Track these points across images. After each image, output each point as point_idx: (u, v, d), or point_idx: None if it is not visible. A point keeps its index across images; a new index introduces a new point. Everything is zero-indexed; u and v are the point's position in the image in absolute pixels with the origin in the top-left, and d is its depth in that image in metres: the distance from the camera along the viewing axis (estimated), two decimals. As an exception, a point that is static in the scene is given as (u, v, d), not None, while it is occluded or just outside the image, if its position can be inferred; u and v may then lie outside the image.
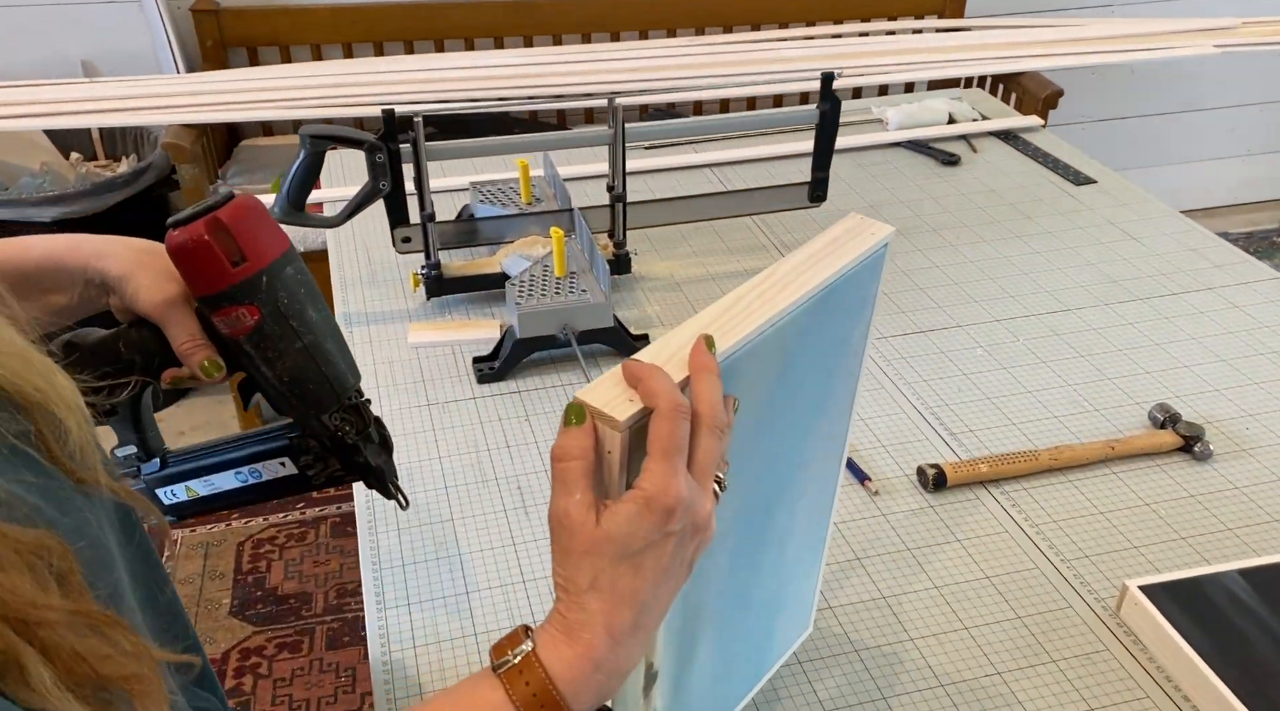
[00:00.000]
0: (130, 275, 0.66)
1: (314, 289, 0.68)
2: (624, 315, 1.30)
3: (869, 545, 1.00)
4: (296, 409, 0.69)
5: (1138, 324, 1.32)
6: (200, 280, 0.64)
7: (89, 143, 2.59)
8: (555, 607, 0.54)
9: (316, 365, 0.68)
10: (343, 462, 0.72)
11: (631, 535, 0.52)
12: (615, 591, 0.52)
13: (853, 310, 0.71)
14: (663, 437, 0.52)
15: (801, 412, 0.72)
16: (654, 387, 0.53)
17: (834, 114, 1.36)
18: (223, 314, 0.65)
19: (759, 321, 0.61)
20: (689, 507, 0.53)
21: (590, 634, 0.52)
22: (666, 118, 2.58)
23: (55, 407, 0.48)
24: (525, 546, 1.00)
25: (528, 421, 1.17)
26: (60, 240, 0.67)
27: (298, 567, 2.18)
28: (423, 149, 1.24)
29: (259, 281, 0.64)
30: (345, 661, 1.97)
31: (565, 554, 0.53)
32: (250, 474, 0.73)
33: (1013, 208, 1.60)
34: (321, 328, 0.68)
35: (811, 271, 0.65)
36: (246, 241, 0.63)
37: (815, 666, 0.88)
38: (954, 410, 1.17)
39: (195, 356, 0.66)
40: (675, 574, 0.55)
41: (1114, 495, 1.05)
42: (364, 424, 0.72)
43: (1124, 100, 3.20)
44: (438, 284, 1.33)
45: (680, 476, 0.52)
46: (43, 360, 0.48)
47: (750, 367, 0.61)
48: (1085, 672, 0.87)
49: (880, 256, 0.71)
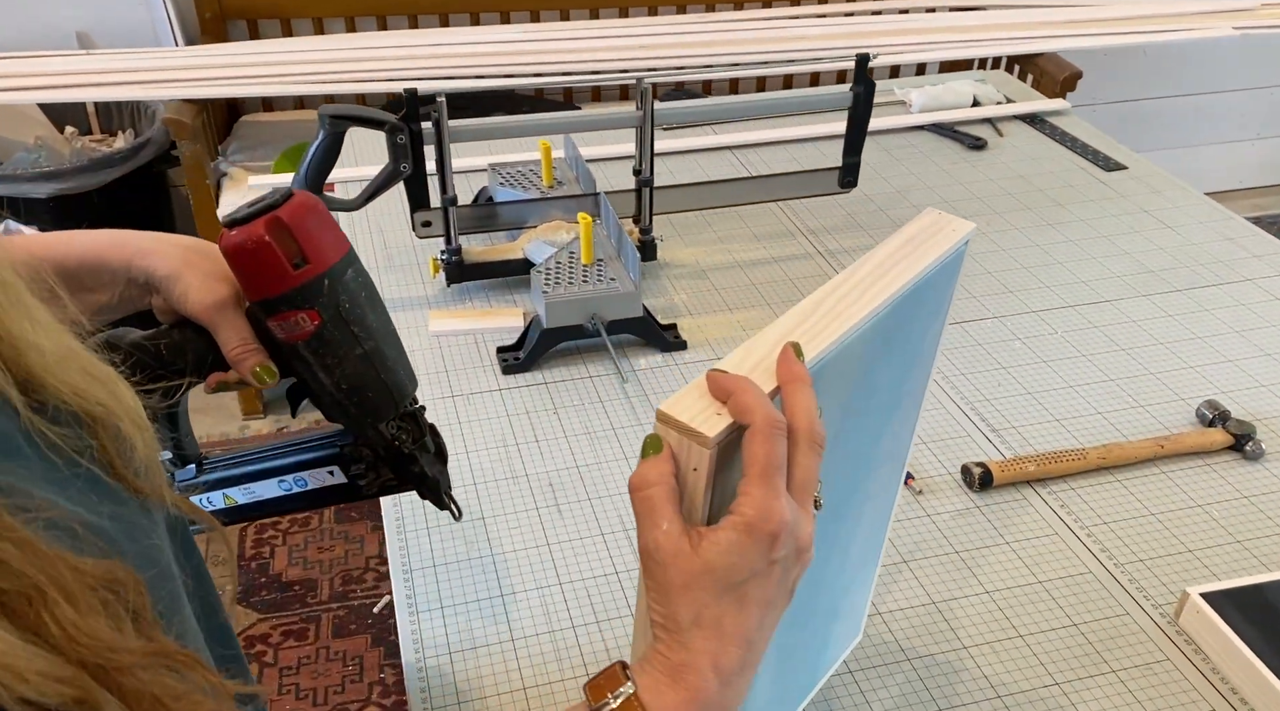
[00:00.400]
0: (178, 275, 0.62)
1: (374, 292, 0.64)
2: (650, 303, 1.26)
3: (916, 548, 0.97)
4: (354, 417, 0.66)
5: (1177, 316, 1.28)
6: (258, 283, 0.60)
7: (84, 117, 2.52)
8: (655, 647, 0.50)
9: (376, 372, 0.64)
10: (396, 472, 0.69)
11: (735, 566, 0.48)
12: (720, 629, 0.48)
13: (931, 311, 0.68)
14: (761, 457, 0.48)
15: (875, 419, 0.68)
16: (748, 402, 0.49)
17: (868, 97, 1.32)
18: (280, 318, 0.61)
19: (845, 327, 0.57)
20: (792, 531, 0.49)
21: (697, 677, 0.48)
22: (677, 97, 2.52)
23: (120, 421, 0.44)
24: (560, 547, 0.97)
25: (556, 414, 1.13)
26: (103, 236, 0.63)
27: (302, 553, 2.14)
28: (446, 129, 1.19)
29: (320, 285, 0.60)
30: (353, 650, 1.94)
31: (662, 589, 0.49)
32: (295, 482, 0.69)
33: (1043, 194, 1.56)
34: (382, 333, 0.64)
35: (894, 272, 0.62)
36: (308, 242, 0.59)
37: (867, 675, 0.85)
38: (994, 405, 1.14)
39: (247, 362, 0.62)
40: (779, 603, 0.51)
41: (1165, 496, 1.02)
42: (420, 432, 0.69)
43: (1133, 83, 3.16)
44: (459, 270, 1.29)
45: (782, 498, 0.48)
46: (105, 370, 0.44)
47: (831, 375, 0.57)
48: (1147, 684, 0.84)
49: (960, 255, 0.68)
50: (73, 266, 0.62)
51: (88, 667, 0.35)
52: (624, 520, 0.99)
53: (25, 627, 0.35)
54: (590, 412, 1.13)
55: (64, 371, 0.42)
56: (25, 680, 0.33)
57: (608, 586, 0.93)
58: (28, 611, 0.35)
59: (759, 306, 1.31)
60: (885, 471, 0.75)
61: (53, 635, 0.35)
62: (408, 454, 0.68)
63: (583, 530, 0.98)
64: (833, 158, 1.63)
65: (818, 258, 1.41)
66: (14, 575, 0.35)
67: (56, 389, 0.42)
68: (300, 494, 0.70)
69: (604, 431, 1.10)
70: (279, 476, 0.69)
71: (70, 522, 0.39)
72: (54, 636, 0.35)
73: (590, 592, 0.92)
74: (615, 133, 1.66)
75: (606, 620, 0.89)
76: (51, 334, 0.42)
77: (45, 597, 0.35)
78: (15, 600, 0.35)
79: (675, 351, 1.22)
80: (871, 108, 1.32)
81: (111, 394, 0.44)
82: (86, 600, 0.36)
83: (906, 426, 0.76)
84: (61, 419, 0.42)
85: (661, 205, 1.36)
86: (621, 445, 1.08)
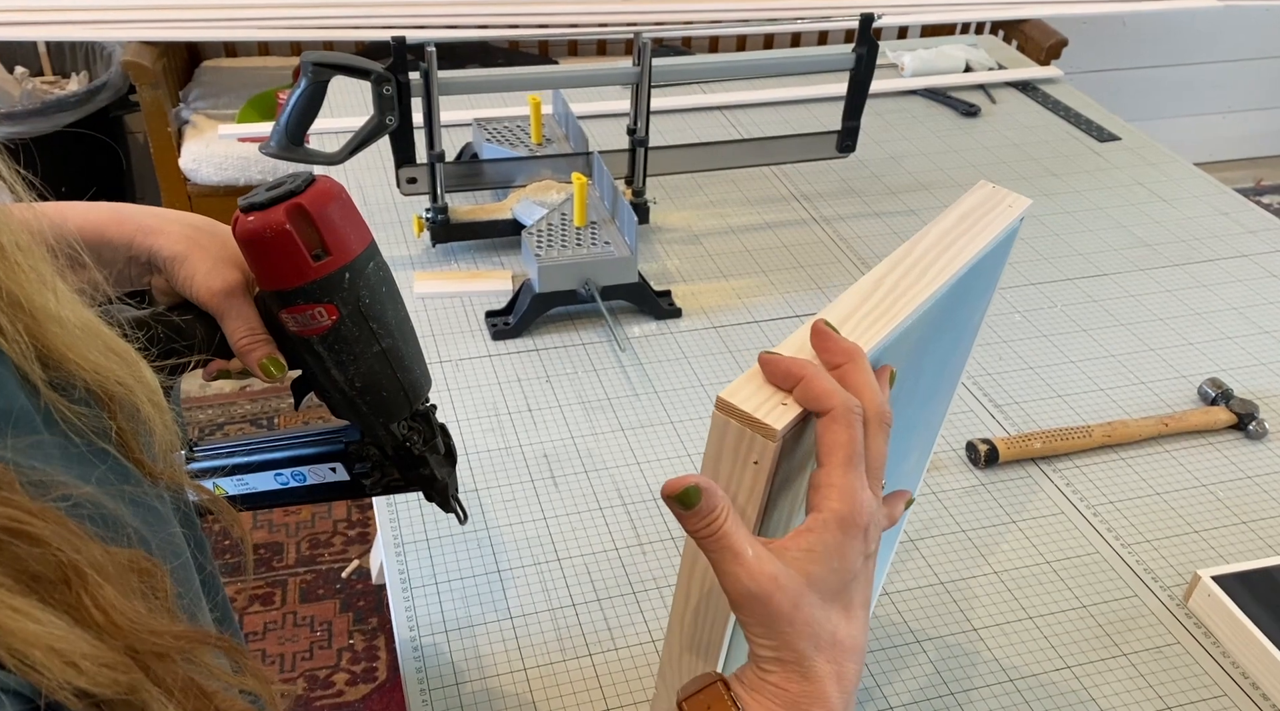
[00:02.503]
0: (184, 257, 0.57)
1: (394, 287, 0.60)
2: (642, 269, 1.22)
3: (923, 527, 0.95)
4: (364, 416, 0.62)
5: (1175, 292, 1.27)
6: (274, 273, 0.55)
7: (35, 57, 2.40)
8: (765, 676, 0.44)
9: (393, 371, 0.60)
10: (403, 473, 0.65)
11: (838, 571, 0.43)
12: (837, 645, 0.44)
13: (981, 291, 0.65)
14: (844, 445, 0.44)
15: (917, 406, 0.65)
16: (824, 387, 0.44)
17: (870, 59, 1.28)
18: (295, 310, 0.56)
19: (909, 307, 0.53)
20: (877, 523, 0.45)
21: (822, 706, 0.43)
22: (661, 54, 2.46)
23: (140, 402, 0.40)
24: (557, 521, 0.93)
25: (549, 383, 1.09)
26: (103, 209, 0.58)
27: (267, 516, 2.09)
28: (435, 82, 1.13)
29: (341, 278, 0.56)
30: (321, 615, 1.90)
31: (768, 622, 0.43)
32: (293, 477, 0.65)
33: (1037, 164, 1.54)
34: (401, 330, 0.60)
35: (953, 250, 0.58)
36: (330, 233, 0.55)
37: (877, 657, 0.83)
38: (997, 380, 1.12)
39: (255, 354, 0.58)
40: (870, 601, 0.47)
41: (1170, 475, 1.00)
42: (432, 433, 0.65)
43: (1110, 53, 3.15)
44: (445, 229, 1.24)
45: (867, 488, 0.44)
46: (125, 347, 0.40)
47: (889, 360, 0.54)
48: (1158, 667, 0.83)
49: (1014, 232, 0.64)
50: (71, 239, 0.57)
51: (131, 653, 0.32)
52: (622, 494, 0.96)
53: (64, 610, 0.31)
54: (584, 381, 1.09)
55: (85, 347, 0.38)
56: (76, 667, 0.30)
57: (608, 562, 0.90)
58: (66, 593, 0.31)
59: (755, 274, 1.27)
60: (914, 459, 0.73)
61: (94, 618, 0.32)
62: (417, 455, 0.64)
63: (580, 504, 0.95)
64: (824, 120, 1.60)
65: (813, 224, 1.38)
66: (52, 554, 0.31)
67: (77, 365, 0.38)
68: (298, 489, 0.65)
69: (599, 401, 1.06)
70: (276, 469, 0.65)
71: (95, 507, 0.35)
72: (95, 619, 0.32)
73: (590, 569, 0.89)
74: (603, 89, 1.61)
75: (608, 597, 0.86)
76: (73, 307, 0.38)
77: (85, 579, 0.32)
78: (52, 582, 0.31)
79: (670, 319, 1.18)
80: (874, 71, 1.28)
81: (132, 372, 0.40)
82: (124, 582, 0.33)
83: (939, 413, 0.73)
84: (79, 397, 0.38)
85: (656, 167, 1.31)
86: (618, 416, 1.05)
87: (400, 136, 1.17)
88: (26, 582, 0.31)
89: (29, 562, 0.31)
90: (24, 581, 0.31)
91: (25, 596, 0.30)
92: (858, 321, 0.51)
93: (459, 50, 2.35)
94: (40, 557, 0.31)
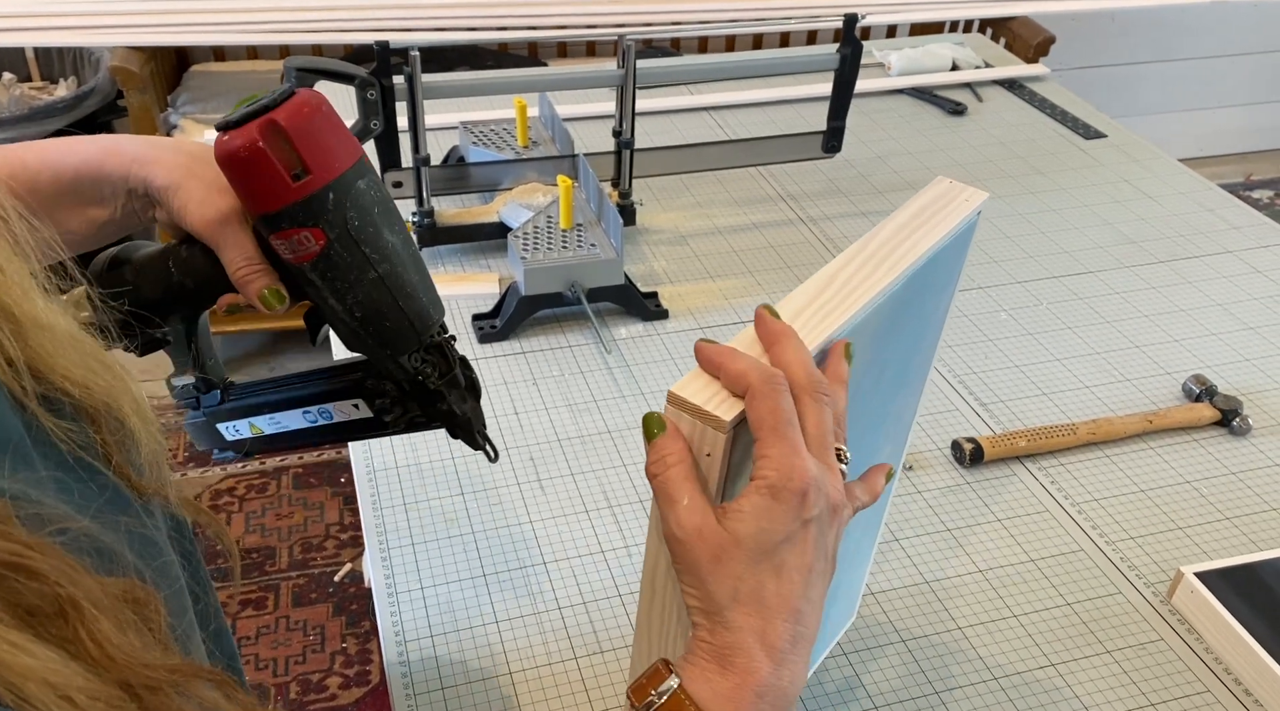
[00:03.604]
0: (178, 186, 0.54)
1: (390, 207, 0.56)
2: (629, 270, 1.22)
3: (906, 524, 0.95)
4: (371, 348, 0.59)
5: (1161, 288, 1.27)
6: (254, 196, 0.52)
7: (23, 63, 2.40)
8: (696, 635, 0.47)
9: (394, 299, 0.56)
10: (424, 408, 0.62)
11: (765, 531, 0.45)
12: (761, 601, 0.45)
13: (941, 284, 0.65)
14: (767, 414, 0.45)
15: (882, 397, 0.65)
16: (738, 368, 0.47)
17: (855, 59, 1.28)
18: (282, 236, 0.53)
19: (860, 302, 0.54)
20: (820, 487, 0.46)
21: (745, 658, 0.45)
22: (648, 55, 2.46)
23: (127, 416, 0.40)
24: (543, 524, 0.93)
25: (535, 385, 1.09)
26: (98, 142, 0.56)
27: (259, 520, 2.09)
28: (419, 85, 1.13)
29: (324, 198, 0.52)
30: (314, 619, 1.90)
31: (692, 570, 0.46)
32: (320, 414, 0.63)
33: (1024, 162, 1.55)
34: (399, 254, 0.56)
35: (908, 244, 0.59)
36: (309, 149, 0.51)
37: (862, 657, 0.83)
38: (982, 379, 1.12)
39: (253, 284, 0.55)
40: (822, 569, 0.48)
41: (1154, 472, 1.01)
42: (449, 365, 0.62)
43: (1100, 49, 3.16)
44: (431, 233, 1.24)
45: (803, 454, 0.46)
46: (110, 358, 0.40)
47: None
48: (1141, 664, 0.83)
49: (972, 226, 0.65)
50: (68, 180, 0.55)
51: (124, 687, 0.32)
52: (609, 496, 0.96)
53: (58, 643, 0.31)
54: (571, 384, 1.09)
55: (71, 359, 0.38)
56: (71, 700, 0.30)
57: (594, 566, 0.90)
58: (62, 627, 0.31)
59: (741, 275, 1.27)
60: (887, 450, 0.73)
61: (89, 652, 0.32)
62: (434, 389, 0.61)
63: (566, 507, 0.95)
64: (810, 120, 1.60)
65: (799, 225, 1.38)
66: (50, 588, 0.31)
67: (62, 379, 0.37)
68: (326, 426, 0.64)
69: (585, 403, 1.07)
70: (304, 406, 0.63)
71: (91, 539, 0.35)
72: (90, 653, 0.32)
73: (576, 572, 0.89)
74: (590, 92, 1.61)
75: (594, 601, 0.87)
76: (60, 316, 0.38)
77: (82, 612, 0.32)
78: (48, 616, 0.31)
79: (656, 321, 1.18)
80: (858, 70, 1.29)
81: (117, 383, 0.39)
82: (118, 615, 0.33)
83: (911, 404, 0.73)
84: (65, 412, 0.38)
85: (642, 168, 1.31)
86: (604, 418, 1.05)
87: (385, 141, 1.17)
88: (22, 616, 0.31)
89: (26, 596, 0.31)
90: (20, 615, 0.31)
91: (21, 630, 0.30)
92: (811, 314, 0.52)
93: (447, 53, 2.35)
94: (37, 591, 0.31)
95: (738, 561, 0.45)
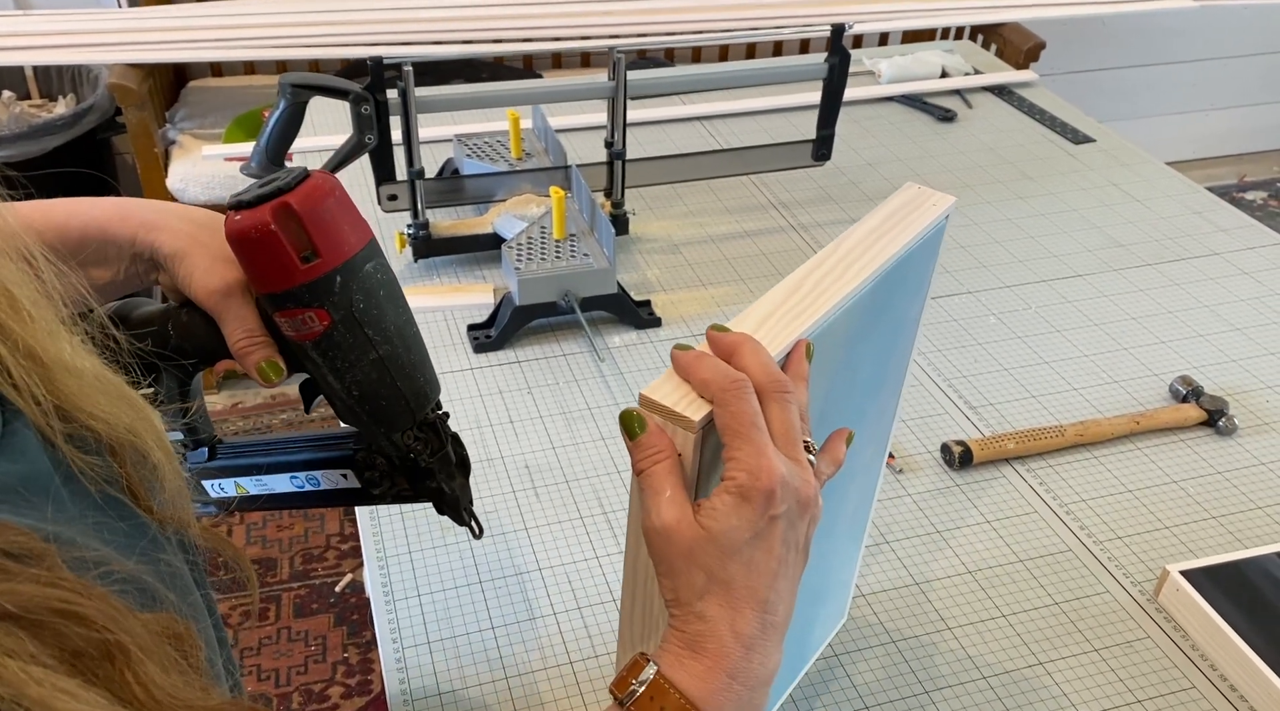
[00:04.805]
0: (184, 254, 0.56)
1: (395, 290, 0.57)
2: (622, 279, 1.24)
3: (895, 526, 0.96)
4: (365, 424, 0.60)
5: (1148, 291, 1.29)
6: (262, 275, 0.54)
7: (21, 81, 2.42)
8: (671, 625, 0.49)
9: (391, 380, 0.58)
10: (412, 484, 0.64)
11: (735, 528, 0.47)
12: (730, 592, 0.48)
13: (913, 288, 0.67)
14: (733, 417, 0.48)
15: (858, 398, 0.67)
16: (702, 377, 0.49)
17: (843, 68, 1.30)
18: (286, 315, 0.54)
19: (827, 306, 0.56)
20: (788, 485, 0.48)
21: (716, 643, 0.48)
22: (642, 66, 2.48)
23: (151, 450, 0.41)
24: (539, 531, 0.95)
25: (530, 394, 1.10)
26: (107, 205, 0.57)
27: (260, 532, 2.10)
28: (413, 100, 1.15)
29: (331, 282, 0.53)
30: (315, 630, 1.91)
31: (667, 562, 0.48)
32: (307, 480, 0.64)
33: (1013, 167, 1.56)
34: (401, 336, 0.57)
35: (875, 249, 0.60)
36: (320, 234, 0.52)
37: (852, 657, 0.84)
38: (972, 382, 1.13)
39: (252, 356, 0.57)
40: (792, 562, 0.50)
41: (1141, 472, 1.02)
42: (440, 443, 0.63)
43: (1090, 54, 3.18)
44: (426, 245, 1.25)
45: (770, 454, 0.48)
46: (134, 395, 0.41)
47: (816, 354, 0.56)
48: (1128, 662, 0.84)
49: (941, 229, 0.67)
50: (74, 240, 0.56)
51: None
52: (603, 503, 0.98)
53: (104, 685, 0.32)
54: (565, 392, 1.10)
55: (98, 397, 0.39)
56: None
57: (588, 571, 0.91)
58: (109, 670, 0.32)
59: (733, 282, 1.29)
60: (869, 452, 0.74)
61: (135, 695, 0.32)
62: (424, 468, 0.63)
63: (560, 514, 0.97)
64: (802, 129, 1.62)
65: (790, 232, 1.40)
66: (97, 632, 0.32)
67: (90, 415, 0.38)
68: (312, 493, 0.65)
69: (580, 411, 1.08)
70: (291, 472, 0.65)
71: (134, 581, 0.36)
72: (136, 696, 0.32)
73: (571, 578, 0.90)
74: (583, 103, 1.63)
75: (588, 606, 0.88)
76: (85, 356, 0.39)
77: (129, 656, 0.32)
78: (95, 659, 0.32)
79: (650, 328, 1.20)
80: (846, 79, 1.30)
81: (141, 419, 0.41)
82: (162, 656, 0.34)
83: (889, 405, 0.75)
84: (90, 447, 0.39)
85: (634, 178, 1.33)
86: (598, 425, 1.06)
87: (380, 154, 1.19)
88: (70, 661, 0.31)
89: (73, 640, 0.32)
90: (67, 659, 0.31)
91: (70, 676, 0.31)
92: (778, 319, 0.54)
93: (443, 66, 2.37)
94: (84, 636, 0.32)
95: (709, 555, 0.47)
